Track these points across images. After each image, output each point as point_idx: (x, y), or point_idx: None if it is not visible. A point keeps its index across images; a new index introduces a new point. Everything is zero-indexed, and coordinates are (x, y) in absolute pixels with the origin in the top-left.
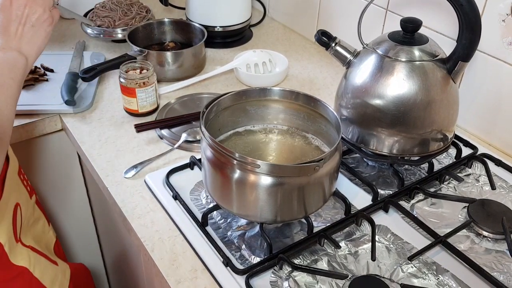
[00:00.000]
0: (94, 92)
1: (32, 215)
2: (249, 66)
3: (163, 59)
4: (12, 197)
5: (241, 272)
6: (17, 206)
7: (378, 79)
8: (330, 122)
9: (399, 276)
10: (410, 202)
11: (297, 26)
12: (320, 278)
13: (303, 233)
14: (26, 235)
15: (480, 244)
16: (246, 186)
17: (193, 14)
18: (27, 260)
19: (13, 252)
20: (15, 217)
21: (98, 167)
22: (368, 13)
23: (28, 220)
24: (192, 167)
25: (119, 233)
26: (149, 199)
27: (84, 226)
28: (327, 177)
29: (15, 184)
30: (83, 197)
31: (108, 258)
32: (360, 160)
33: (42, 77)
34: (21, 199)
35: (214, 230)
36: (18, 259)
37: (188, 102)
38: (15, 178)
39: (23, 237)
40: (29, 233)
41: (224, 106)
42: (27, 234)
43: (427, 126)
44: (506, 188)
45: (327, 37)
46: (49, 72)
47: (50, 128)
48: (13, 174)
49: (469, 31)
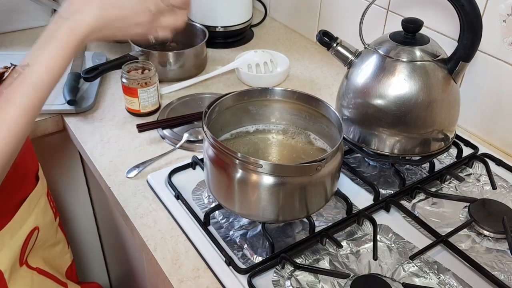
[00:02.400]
0: (96, 92)
1: (54, 237)
2: (250, 66)
3: (165, 59)
4: (32, 219)
5: (244, 272)
6: (34, 230)
7: (380, 79)
8: (331, 122)
9: (400, 275)
10: (411, 202)
11: (298, 26)
12: (322, 277)
13: (305, 232)
14: (36, 256)
15: (481, 243)
16: (248, 186)
17: (194, 15)
18: (29, 285)
19: (13, 278)
20: (27, 241)
21: (100, 167)
22: (369, 13)
23: (45, 243)
24: (194, 167)
25: (121, 233)
26: (152, 198)
27: (85, 226)
28: (329, 177)
29: (42, 206)
30: (85, 197)
31: (109, 257)
32: (362, 160)
33: None
34: (43, 222)
35: (216, 230)
36: (18, 285)
37: (190, 102)
38: (43, 200)
39: (31, 259)
40: (42, 254)
41: (226, 106)
42: (38, 255)
43: (428, 126)
44: (506, 187)
45: (328, 37)
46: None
47: (52, 128)
48: (41, 196)
49: (470, 31)
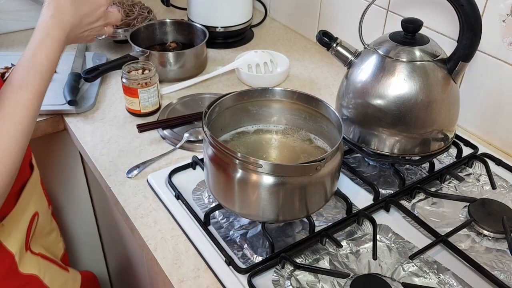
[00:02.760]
0: (97, 92)
1: (49, 225)
2: (250, 66)
3: (165, 60)
4: (32, 205)
5: (244, 271)
6: (35, 215)
7: (379, 79)
8: (331, 122)
9: (400, 275)
10: (411, 202)
11: (298, 26)
12: (321, 277)
13: (304, 232)
14: (36, 243)
15: (481, 243)
16: (248, 186)
17: (194, 15)
18: (36, 268)
19: (23, 261)
20: (30, 226)
21: (101, 167)
22: (369, 13)
23: (42, 230)
24: (194, 167)
25: (121, 233)
26: (152, 198)
27: (86, 226)
28: (329, 177)
29: (38, 193)
30: (85, 196)
31: (110, 256)
32: (361, 160)
33: None
34: (41, 208)
35: (217, 230)
36: (27, 268)
37: (190, 102)
38: (38, 187)
39: (33, 245)
40: (40, 242)
41: (226, 106)
42: (37, 242)
43: (428, 126)
44: (506, 187)
45: (328, 37)
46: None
47: (53, 128)
48: (36, 183)
49: (469, 31)
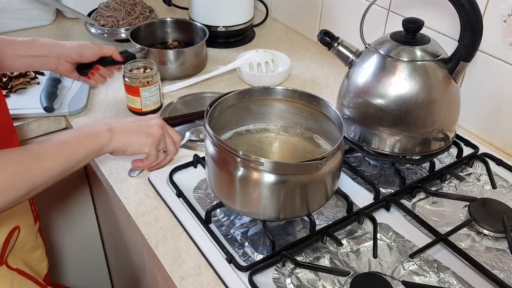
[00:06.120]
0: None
1: (33, 241)
2: (251, 65)
3: (164, 58)
4: (13, 219)
5: (245, 269)
6: (15, 229)
7: (380, 79)
8: (332, 121)
9: (400, 273)
10: (411, 201)
11: (299, 26)
12: (322, 275)
13: (305, 230)
14: (15, 258)
15: (481, 242)
16: (249, 184)
17: (196, 14)
18: (8, 283)
19: None
20: (8, 240)
21: (103, 165)
22: (370, 13)
23: (24, 245)
24: (195, 165)
25: (122, 232)
26: (153, 197)
27: (86, 226)
28: (330, 176)
29: (23, 207)
30: (86, 196)
31: (110, 256)
32: (362, 159)
33: (33, 80)
34: (24, 223)
35: (218, 228)
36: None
37: (191, 101)
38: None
39: (11, 260)
40: (21, 257)
41: (228, 105)
42: (17, 257)
43: (428, 125)
44: (506, 187)
45: (329, 37)
46: (40, 75)
47: (55, 127)
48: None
49: (470, 31)
